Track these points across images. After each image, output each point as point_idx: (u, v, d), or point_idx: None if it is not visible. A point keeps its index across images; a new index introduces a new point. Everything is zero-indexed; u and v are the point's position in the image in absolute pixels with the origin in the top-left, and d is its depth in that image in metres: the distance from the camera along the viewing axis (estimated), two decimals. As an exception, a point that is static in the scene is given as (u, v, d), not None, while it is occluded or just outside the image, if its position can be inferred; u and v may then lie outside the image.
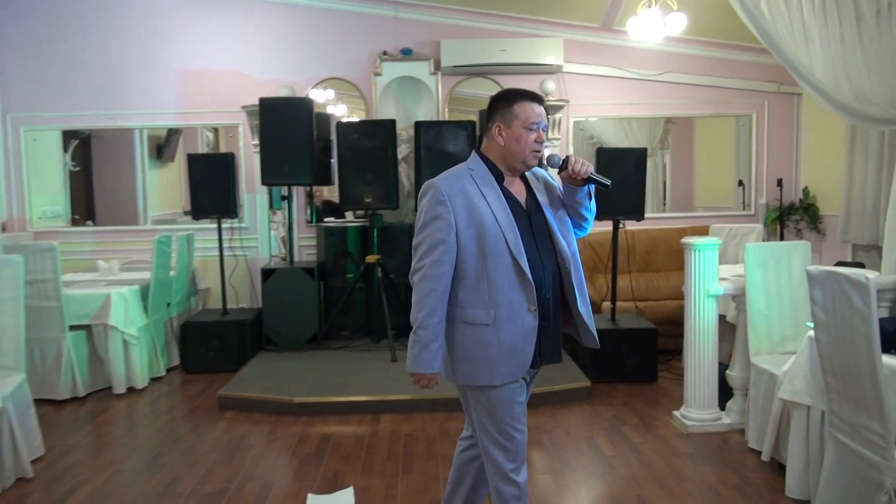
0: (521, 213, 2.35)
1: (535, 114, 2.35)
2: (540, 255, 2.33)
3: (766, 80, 6.80)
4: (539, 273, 2.31)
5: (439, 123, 5.94)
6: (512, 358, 2.30)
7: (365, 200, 5.77)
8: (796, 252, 4.05)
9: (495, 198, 2.33)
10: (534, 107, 2.36)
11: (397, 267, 6.17)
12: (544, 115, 2.38)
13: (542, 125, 2.37)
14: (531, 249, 2.31)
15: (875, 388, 2.62)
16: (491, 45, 6.41)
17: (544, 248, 2.36)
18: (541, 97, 2.41)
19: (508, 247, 2.27)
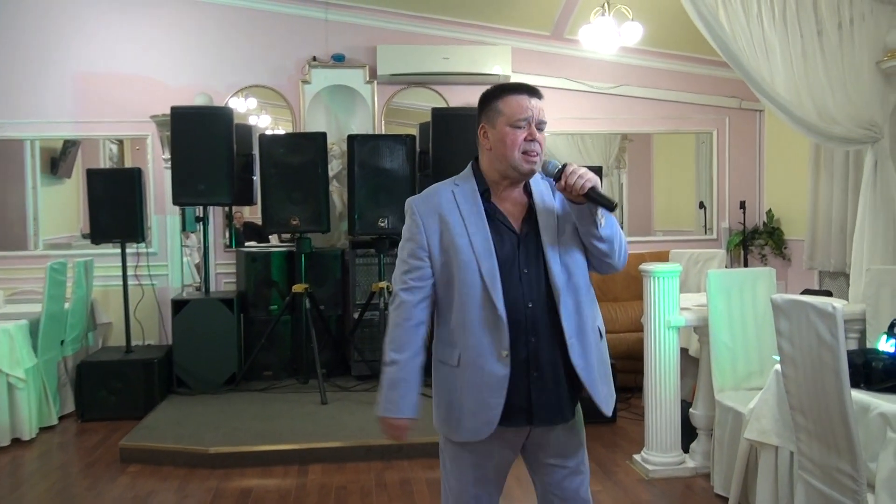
0: (507, 236, 2.18)
1: (521, 107, 2.15)
2: (524, 290, 2.14)
3: (726, 96, 7.06)
4: (520, 311, 2.12)
5: (375, 137, 5.96)
6: (478, 412, 2.13)
7: (291, 223, 5.72)
8: (761, 279, 4.18)
9: (475, 217, 2.18)
10: (521, 99, 2.16)
11: (328, 297, 6.12)
12: (537, 109, 2.17)
13: (535, 120, 2.16)
14: (513, 282, 2.13)
15: (845, 426, 2.71)
16: (432, 53, 6.49)
17: (534, 281, 2.15)
18: (533, 88, 2.21)
19: (482, 277, 2.12)
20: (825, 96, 4.48)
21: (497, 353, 2.11)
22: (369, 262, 6.08)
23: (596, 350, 2.20)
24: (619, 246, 2.20)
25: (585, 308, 2.19)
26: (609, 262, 2.20)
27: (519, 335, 2.12)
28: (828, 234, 5.89)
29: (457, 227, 2.17)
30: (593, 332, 2.20)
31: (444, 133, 5.85)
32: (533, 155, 2.16)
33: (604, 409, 2.19)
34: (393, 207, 5.67)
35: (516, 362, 2.12)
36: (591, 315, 2.20)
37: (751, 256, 6.89)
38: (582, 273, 2.20)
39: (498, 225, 2.18)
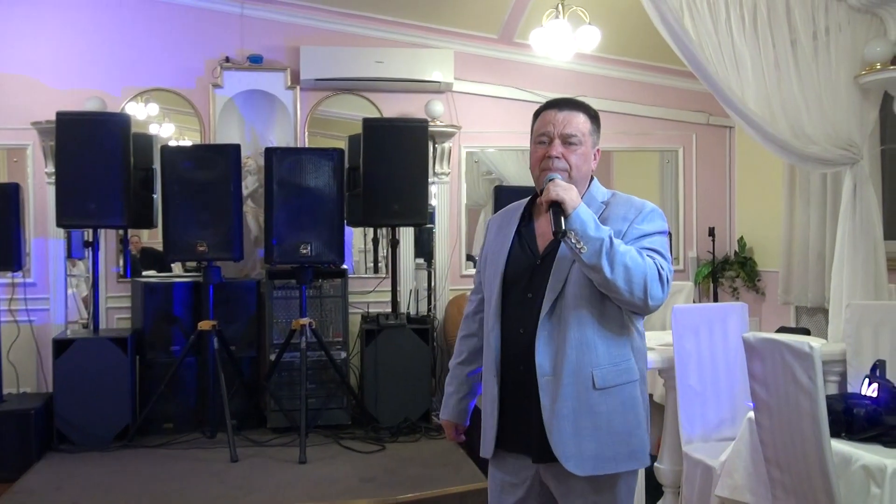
0: (525, 258, 2.45)
1: (543, 122, 2.43)
2: (522, 315, 2.39)
3: (693, 110, 7.25)
4: (513, 336, 2.40)
5: (297, 151, 5.93)
6: (486, 428, 2.48)
7: (198, 249, 5.64)
8: (732, 316, 4.27)
9: (504, 235, 2.52)
10: (546, 114, 2.44)
11: (240, 336, 6.03)
12: (561, 122, 2.41)
13: (558, 133, 2.39)
14: (515, 305, 2.41)
15: (825, 480, 2.77)
16: (364, 55, 6.51)
17: (535, 307, 2.36)
18: (567, 101, 2.46)
19: (492, 296, 2.47)
20: (799, 112, 4.63)
21: (492, 374, 2.44)
22: (289, 295, 6.01)
23: (582, 398, 2.30)
24: (628, 281, 2.24)
25: (580, 348, 2.31)
26: (620, 299, 2.28)
27: (511, 360, 2.40)
28: (804, 265, 6.06)
29: (494, 243, 2.54)
30: (583, 377, 2.30)
31: (376, 147, 5.85)
32: (552, 171, 2.36)
33: (567, 466, 2.30)
34: (317, 232, 5.64)
35: (507, 386, 2.41)
36: (590, 359, 2.31)
37: (721, 290, 7.05)
38: (586, 310, 2.32)
39: (524, 245, 2.47)
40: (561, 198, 2.22)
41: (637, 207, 2.44)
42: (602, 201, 2.45)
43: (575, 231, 2.22)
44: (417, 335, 6.01)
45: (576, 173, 2.40)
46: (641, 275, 2.25)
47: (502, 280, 2.44)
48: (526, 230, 2.49)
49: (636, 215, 2.41)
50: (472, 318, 2.68)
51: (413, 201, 5.95)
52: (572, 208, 2.23)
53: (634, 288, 2.24)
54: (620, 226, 2.36)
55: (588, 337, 2.32)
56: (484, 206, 7.12)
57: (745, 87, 4.63)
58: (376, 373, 5.90)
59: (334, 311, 6.09)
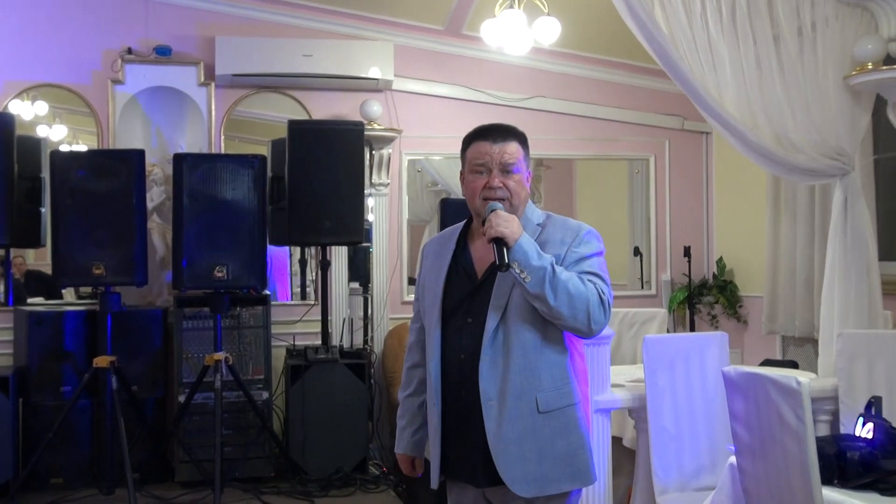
0: (462, 282, 2.77)
1: (480, 152, 2.74)
2: (462, 340, 2.70)
3: (666, 114, 7.36)
4: (454, 362, 2.70)
5: (211, 157, 5.89)
6: (432, 459, 2.77)
7: (94, 272, 5.56)
8: (711, 347, 4.32)
9: (441, 260, 2.82)
10: (481, 145, 2.75)
11: (143, 374, 5.95)
12: (498, 153, 2.72)
13: (496, 164, 2.71)
14: (454, 330, 2.72)
15: (816, 534, 2.80)
16: (290, 48, 6.49)
17: (475, 332, 2.68)
18: (502, 131, 2.77)
19: (431, 322, 2.77)
20: (784, 117, 4.72)
21: (434, 400, 2.72)
22: (201, 325, 5.96)
23: (527, 422, 2.62)
24: (571, 307, 2.57)
25: (524, 372, 2.63)
26: (557, 323, 2.62)
27: (452, 387, 2.70)
28: (791, 289, 6.17)
29: (431, 270, 2.84)
30: (527, 401, 2.62)
31: (304, 153, 5.83)
32: (493, 201, 2.68)
33: (513, 489, 2.61)
34: (235, 252, 5.59)
35: (449, 413, 2.71)
36: (534, 383, 2.63)
37: (698, 317, 7.13)
38: (528, 334, 2.65)
39: (459, 271, 2.78)
40: (502, 233, 2.55)
41: (573, 230, 2.75)
42: (537, 223, 2.77)
43: (518, 262, 2.54)
44: (352, 371, 5.98)
45: (516, 200, 2.73)
46: (584, 301, 2.58)
47: (441, 307, 2.75)
48: (462, 255, 2.81)
49: (573, 238, 2.72)
50: (416, 348, 2.95)
51: (346, 216, 5.93)
52: (514, 240, 2.55)
53: (578, 314, 2.57)
54: (558, 250, 2.69)
55: (531, 361, 2.64)
56: (429, 221, 7.13)
57: (724, 88, 4.70)
58: (304, 416, 5.85)
59: (255, 343, 6.04)
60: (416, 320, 2.97)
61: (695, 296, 7.12)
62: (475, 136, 2.79)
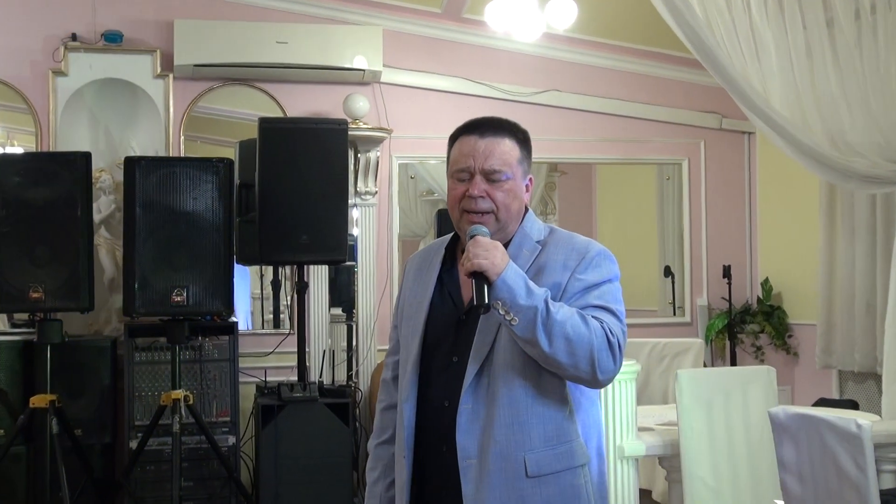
0: (447, 312, 2.63)
1: (462, 153, 2.59)
2: (445, 383, 2.56)
3: (701, 111, 7.38)
4: (433, 410, 2.56)
5: (169, 161, 5.89)
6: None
7: (31, 296, 5.54)
8: (755, 383, 4.32)
9: (425, 283, 2.69)
10: (466, 142, 2.60)
11: (89, 416, 5.94)
12: (483, 153, 2.56)
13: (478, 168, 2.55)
14: (436, 371, 2.59)
15: None
16: (261, 33, 6.50)
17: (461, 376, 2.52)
18: (491, 124, 2.63)
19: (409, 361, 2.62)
20: (839, 114, 4.73)
21: (404, 452, 2.59)
22: (157, 358, 5.95)
23: (510, 488, 2.46)
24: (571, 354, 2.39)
25: (510, 428, 2.47)
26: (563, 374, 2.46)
27: (430, 439, 2.57)
28: (849, 315, 6.16)
29: (411, 293, 2.72)
30: (513, 462, 2.46)
31: (278, 156, 5.82)
32: (474, 215, 2.53)
33: None
34: (196, 272, 5.58)
35: (423, 470, 2.59)
36: (522, 441, 2.47)
37: (740, 349, 7.12)
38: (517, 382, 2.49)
39: (445, 296, 2.64)
40: (481, 266, 2.37)
41: (578, 251, 2.57)
42: (537, 240, 2.62)
43: (502, 300, 2.36)
44: (333, 412, 5.95)
45: (504, 214, 2.56)
46: (586, 346, 2.39)
47: (422, 340, 2.61)
48: (448, 277, 2.67)
49: (578, 262, 2.55)
50: (393, 385, 2.79)
51: (327, 230, 5.92)
52: (496, 275, 2.37)
53: (579, 363, 2.40)
54: (560, 277, 2.53)
55: (520, 414, 2.48)
56: (423, 236, 7.14)
57: (769, 80, 4.72)
58: (277, 464, 5.83)
59: (220, 379, 6.03)
60: (393, 352, 2.81)
61: (736, 324, 7.11)
62: (461, 132, 2.65)
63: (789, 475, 3.07)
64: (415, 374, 2.60)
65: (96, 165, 6.15)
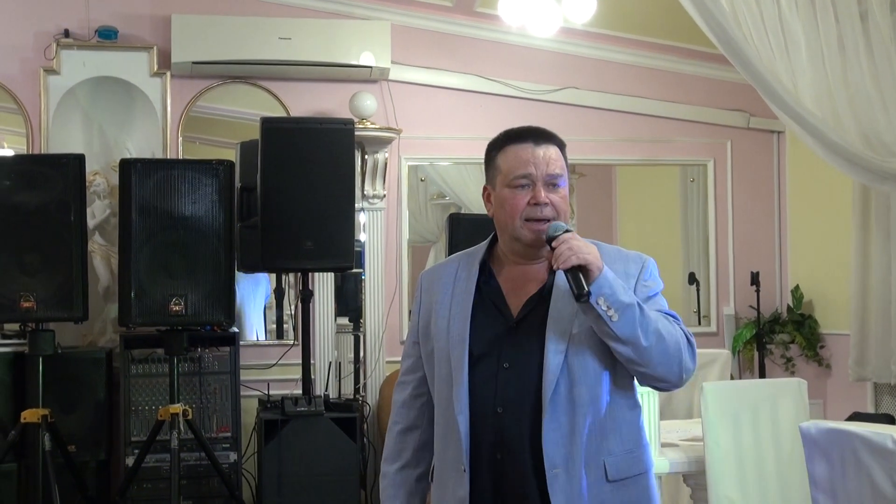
0: (494, 320, 2.68)
1: (520, 161, 2.65)
2: (497, 389, 2.61)
3: (728, 109, 7.35)
4: (486, 416, 2.61)
5: (167, 164, 5.89)
6: None
7: (21, 305, 5.55)
8: (786, 397, 4.29)
9: (462, 295, 2.73)
10: (521, 150, 2.67)
11: (83, 431, 5.95)
12: (544, 161, 2.65)
13: (542, 176, 2.63)
14: (486, 378, 2.63)
15: None
16: (264, 28, 6.51)
17: (516, 380, 2.61)
18: (544, 134, 2.71)
19: (450, 369, 2.65)
20: (873, 112, 4.71)
21: (456, 468, 2.62)
22: (154, 371, 5.96)
23: (593, 495, 2.55)
24: (663, 353, 2.54)
25: (594, 434, 2.57)
26: (643, 372, 2.58)
27: (482, 448, 2.61)
28: (885, 325, 6.12)
29: (443, 307, 2.75)
30: (597, 468, 2.57)
31: (281, 158, 5.82)
32: (537, 223, 2.61)
33: None
34: (195, 279, 5.57)
35: (478, 483, 2.61)
36: (603, 446, 2.59)
37: (769, 360, 7.09)
38: (597, 386, 2.59)
39: (488, 305, 2.71)
40: (587, 260, 2.47)
41: (636, 261, 2.72)
42: None
43: (605, 297, 2.46)
44: (340, 427, 5.93)
45: (563, 220, 2.65)
46: (675, 344, 2.56)
47: (469, 350, 2.64)
48: (488, 287, 2.73)
49: (639, 269, 2.69)
50: (411, 405, 2.85)
51: (333, 236, 5.91)
52: (599, 270, 2.48)
53: (671, 361, 2.56)
54: (626, 284, 2.59)
55: (601, 420, 2.59)
56: (434, 241, 7.13)
57: (799, 76, 4.70)
58: (281, 482, 5.82)
59: (220, 393, 6.03)
60: (412, 370, 2.87)
61: (765, 333, 7.08)
62: (511, 139, 2.72)
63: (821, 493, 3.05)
64: (465, 382, 2.63)
65: (90, 168, 6.15)
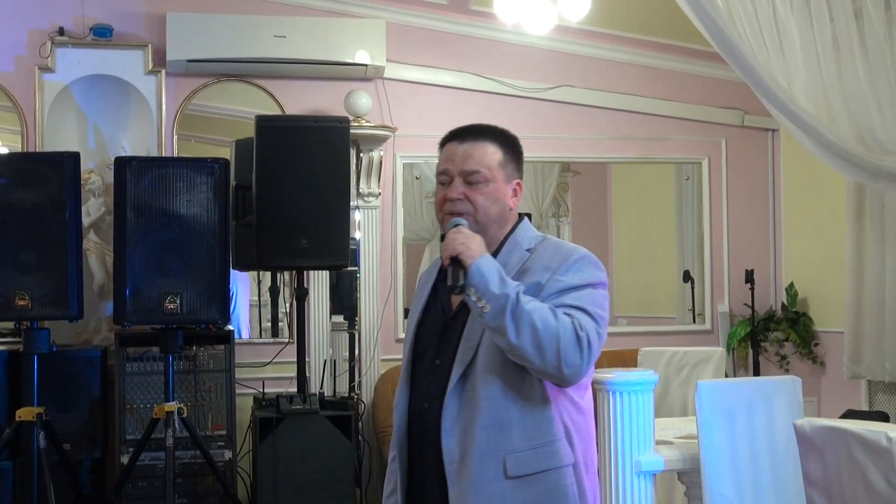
0: (436, 317, 2.85)
1: (443, 158, 2.82)
2: (427, 386, 2.78)
3: (722, 107, 7.38)
4: (415, 413, 2.78)
5: (162, 162, 5.90)
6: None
7: (17, 303, 5.56)
8: (780, 394, 4.30)
9: (423, 292, 2.94)
10: (447, 147, 2.82)
11: (77, 429, 5.95)
12: (462, 156, 2.77)
13: (457, 171, 2.76)
14: (422, 374, 2.81)
15: None
16: (259, 27, 6.51)
17: (442, 376, 2.74)
18: (470, 130, 2.83)
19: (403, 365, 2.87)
20: (868, 110, 4.72)
21: (397, 457, 2.84)
22: (149, 369, 5.95)
23: (492, 489, 2.62)
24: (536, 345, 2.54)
25: (493, 429, 2.64)
26: (530, 367, 2.60)
27: (413, 443, 2.80)
28: (879, 322, 6.14)
29: (414, 302, 2.97)
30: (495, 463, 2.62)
31: (275, 156, 5.82)
32: (453, 216, 2.73)
33: None
34: (190, 278, 5.59)
35: (413, 474, 2.81)
36: (503, 442, 2.63)
37: (764, 358, 7.11)
38: (498, 381, 2.66)
39: (436, 302, 2.88)
40: (457, 251, 2.58)
41: (562, 255, 2.76)
42: (528, 248, 2.81)
43: (475, 287, 2.55)
44: (335, 425, 5.95)
45: (483, 216, 2.76)
46: (552, 337, 2.54)
47: (412, 344, 2.86)
48: (442, 285, 2.83)
49: (560, 264, 2.73)
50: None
51: (328, 234, 5.92)
52: (471, 260, 2.56)
53: (546, 353, 2.54)
54: (540, 277, 2.71)
55: (500, 415, 2.64)
56: (430, 239, 7.14)
57: (793, 74, 4.71)
58: (276, 480, 5.83)
59: (215, 391, 6.03)
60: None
61: (759, 331, 7.10)
62: (446, 139, 2.85)
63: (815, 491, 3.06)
64: (406, 381, 2.83)
65: (85, 166, 6.18)
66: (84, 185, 6.13)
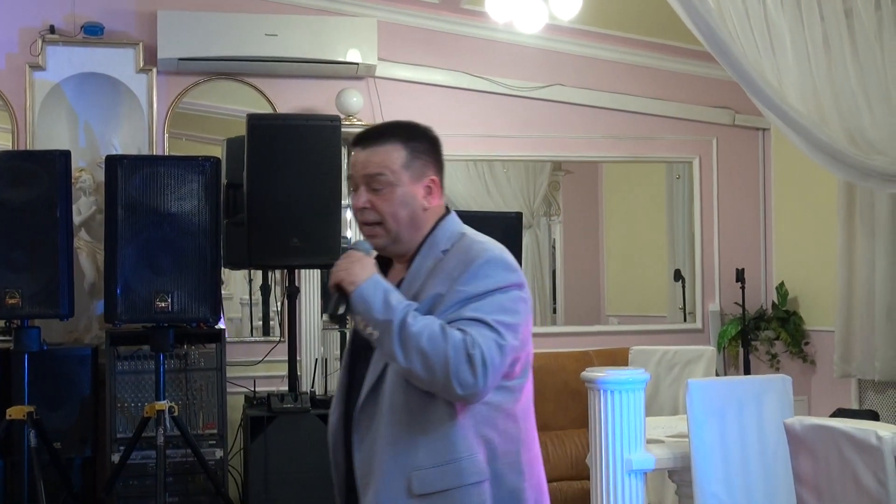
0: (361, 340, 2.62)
1: (349, 165, 2.72)
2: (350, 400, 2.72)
3: (713, 106, 7.39)
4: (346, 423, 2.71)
5: (153, 160, 5.89)
6: None
7: (7, 302, 5.55)
8: (770, 393, 4.31)
9: None
10: (353, 154, 2.71)
11: (68, 428, 5.95)
12: (363, 162, 2.65)
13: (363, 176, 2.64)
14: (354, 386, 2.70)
15: None
16: (250, 25, 6.51)
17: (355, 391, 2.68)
18: (370, 133, 2.73)
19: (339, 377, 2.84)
20: (859, 109, 4.73)
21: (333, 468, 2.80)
22: (140, 367, 5.94)
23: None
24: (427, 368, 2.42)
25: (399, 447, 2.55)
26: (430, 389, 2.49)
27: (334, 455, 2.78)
28: (869, 322, 6.17)
29: None
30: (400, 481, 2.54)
31: (266, 154, 5.82)
32: (366, 227, 2.64)
33: None
34: (181, 277, 5.58)
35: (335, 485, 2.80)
36: (410, 459, 2.54)
37: (754, 357, 7.12)
38: (401, 397, 2.56)
39: None
40: (340, 279, 2.50)
41: (466, 261, 2.58)
42: (444, 249, 2.65)
43: (360, 314, 2.48)
44: (326, 424, 5.95)
45: (392, 224, 2.62)
46: (441, 359, 2.40)
47: (349, 355, 2.80)
48: None
49: (461, 273, 2.55)
50: None
51: (319, 233, 5.91)
52: (353, 287, 2.48)
53: (436, 375, 2.42)
54: (441, 287, 2.56)
55: (405, 432, 2.55)
56: (421, 239, 7.12)
57: (784, 74, 4.72)
58: (267, 479, 5.83)
59: (206, 390, 6.02)
60: None
61: (750, 330, 7.11)
62: (352, 143, 2.78)
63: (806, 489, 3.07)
64: (340, 395, 2.79)
65: (76, 164, 6.16)
66: (75, 183, 6.12)
